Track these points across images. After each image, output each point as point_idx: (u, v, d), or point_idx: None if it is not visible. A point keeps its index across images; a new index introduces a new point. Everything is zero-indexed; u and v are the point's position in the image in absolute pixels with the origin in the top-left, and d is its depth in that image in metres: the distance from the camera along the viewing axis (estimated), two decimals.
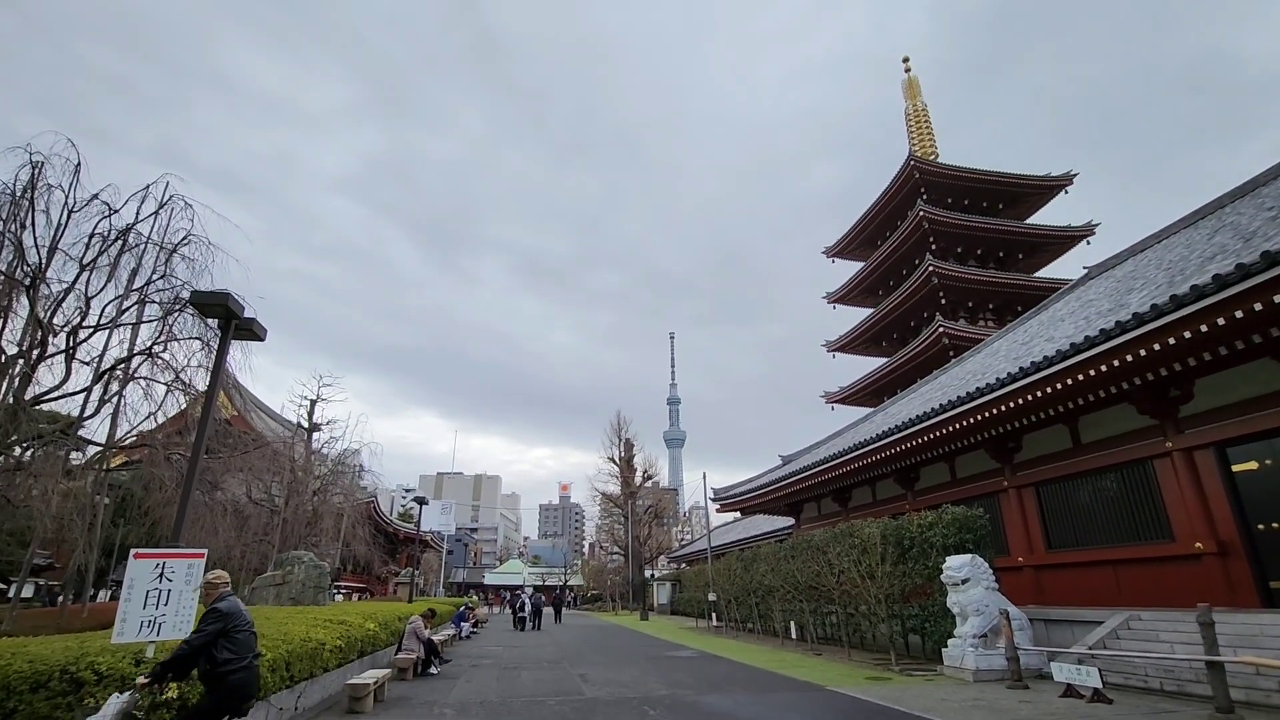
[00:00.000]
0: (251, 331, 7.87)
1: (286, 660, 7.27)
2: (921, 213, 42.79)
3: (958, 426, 15.20)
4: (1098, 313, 16.19)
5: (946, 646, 12.45)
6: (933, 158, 48.38)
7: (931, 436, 16.18)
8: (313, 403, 28.54)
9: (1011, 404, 13.47)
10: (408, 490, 29.71)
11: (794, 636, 17.00)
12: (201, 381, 12.52)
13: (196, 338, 11.45)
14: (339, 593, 45.53)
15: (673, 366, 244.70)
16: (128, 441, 11.94)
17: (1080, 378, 12.02)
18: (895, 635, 13.12)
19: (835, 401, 52.77)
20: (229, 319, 7.54)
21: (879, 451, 18.08)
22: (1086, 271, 23.38)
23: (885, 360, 48.93)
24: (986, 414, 14.24)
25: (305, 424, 28.38)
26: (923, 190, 45.32)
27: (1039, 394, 12.89)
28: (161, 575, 5.67)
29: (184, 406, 26.42)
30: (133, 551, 5.62)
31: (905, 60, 56.41)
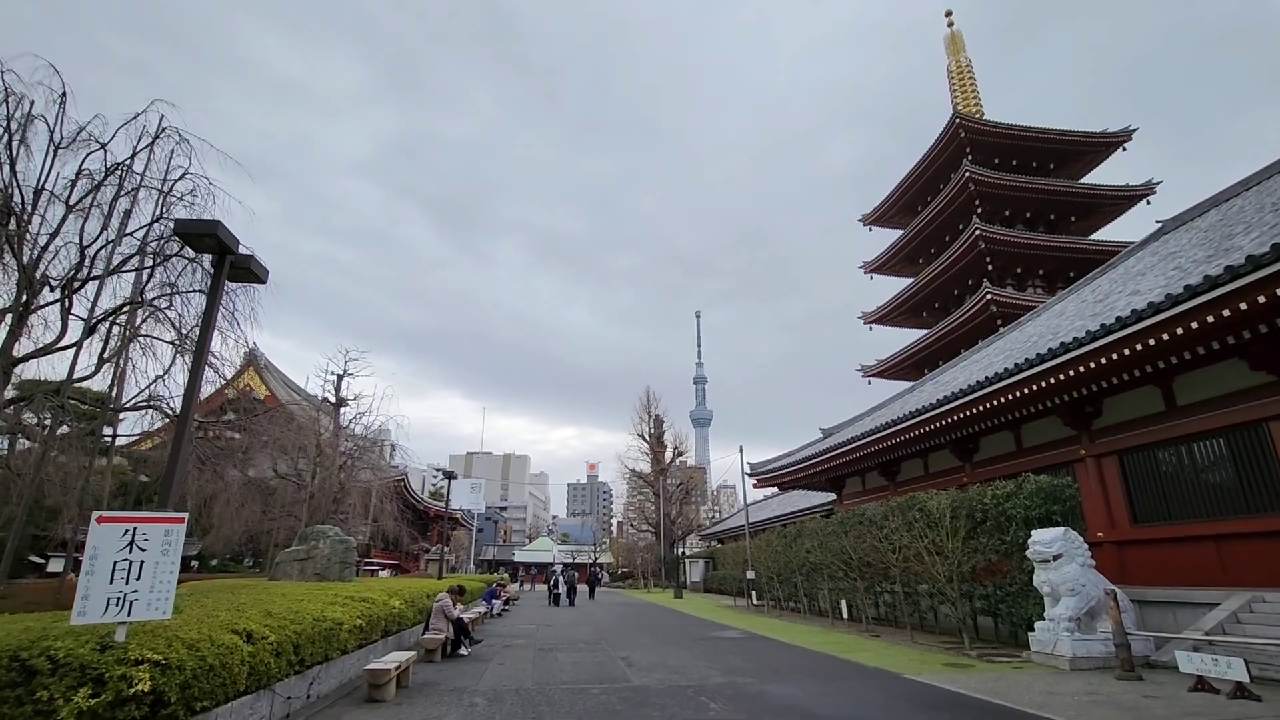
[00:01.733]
0: (250, 272, 6.86)
1: (295, 643, 6.37)
2: (968, 173, 40.33)
3: (1030, 390, 13.69)
4: (1191, 261, 14.46)
5: (1028, 630, 11.22)
6: (977, 116, 45.51)
7: (998, 402, 14.71)
8: (339, 378, 28.00)
9: (1096, 363, 11.94)
10: (438, 469, 29.19)
11: (844, 616, 15.85)
12: (218, 348, 11.69)
13: (202, 290, 10.56)
14: (376, 569, 45.88)
15: (699, 345, 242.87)
16: (134, 404, 11.20)
17: (1182, 330, 10.46)
18: (966, 616, 11.85)
19: (872, 375, 50.90)
20: (222, 254, 6.54)
21: (938, 420, 16.64)
22: (1160, 226, 21.31)
23: (925, 332, 46.85)
24: (1064, 375, 12.72)
25: (332, 399, 27.93)
26: (968, 150, 42.73)
27: (1130, 350, 11.35)
28: (132, 543, 4.72)
29: (220, 385, 26.17)
30: (95, 515, 4.66)
31: (948, 14, 53.17)
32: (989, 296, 37.79)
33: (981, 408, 15.24)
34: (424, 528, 53.26)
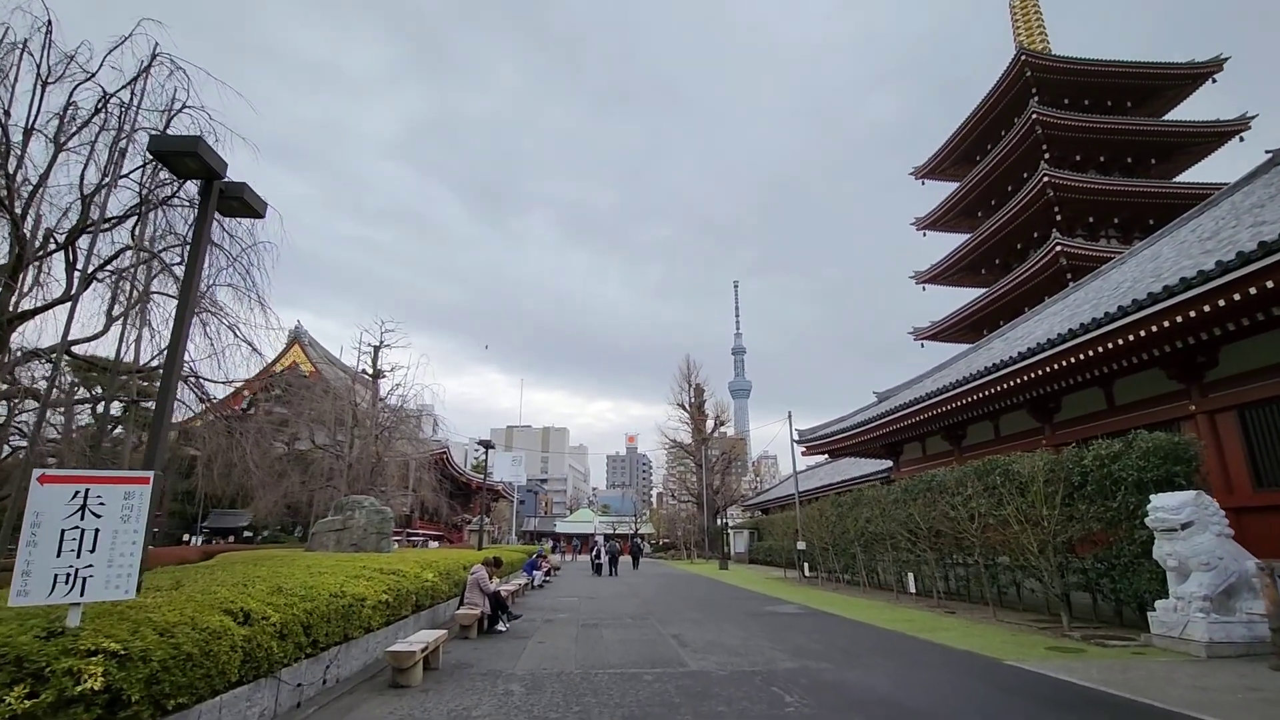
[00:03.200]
0: (243, 203, 5.92)
1: (305, 622, 5.54)
2: (1035, 114, 37.05)
3: (1134, 338, 11.95)
4: None
5: (1138, 608, 9.79)
6: (1044, 52, 41.67)
7: (1092, 354, 12.98)
8: (376, 349, 27.66)
9: (1224, 300, 10.17)
10: (479, 442, 28.86)
11: (911, 590, 14.59)
12: (244, 311, 11.00)
13: (218, 244, 9.81)
14: (422, 540, 46.57)
15: (737, 315, 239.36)
16: (144, 367, 10.65)
17: None
18: (1062, 593, 10.44)
19: (925, 338, 48.39)
20: (209, 179, 5.60)
21: (1018, 376, 14.97)
22: (1272, 155, 18.71)
23: (983, 291, 44.01)
24: (1179, 319, 10.96)
25: (369, 371, 27.68)
26: (1034, 90, 39.22)
27: (1270, 284, 9.56)
28: (85, 508, 3.85)
29: (267, 362, 26.18)
30: (36, 474, 3.80)
31: None
32: (1059, 247, 34.92)
33: (1071, 360, 13.52)
34: (467, 500, 53.88)
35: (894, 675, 6.76)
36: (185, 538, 37.33)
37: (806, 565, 22.80)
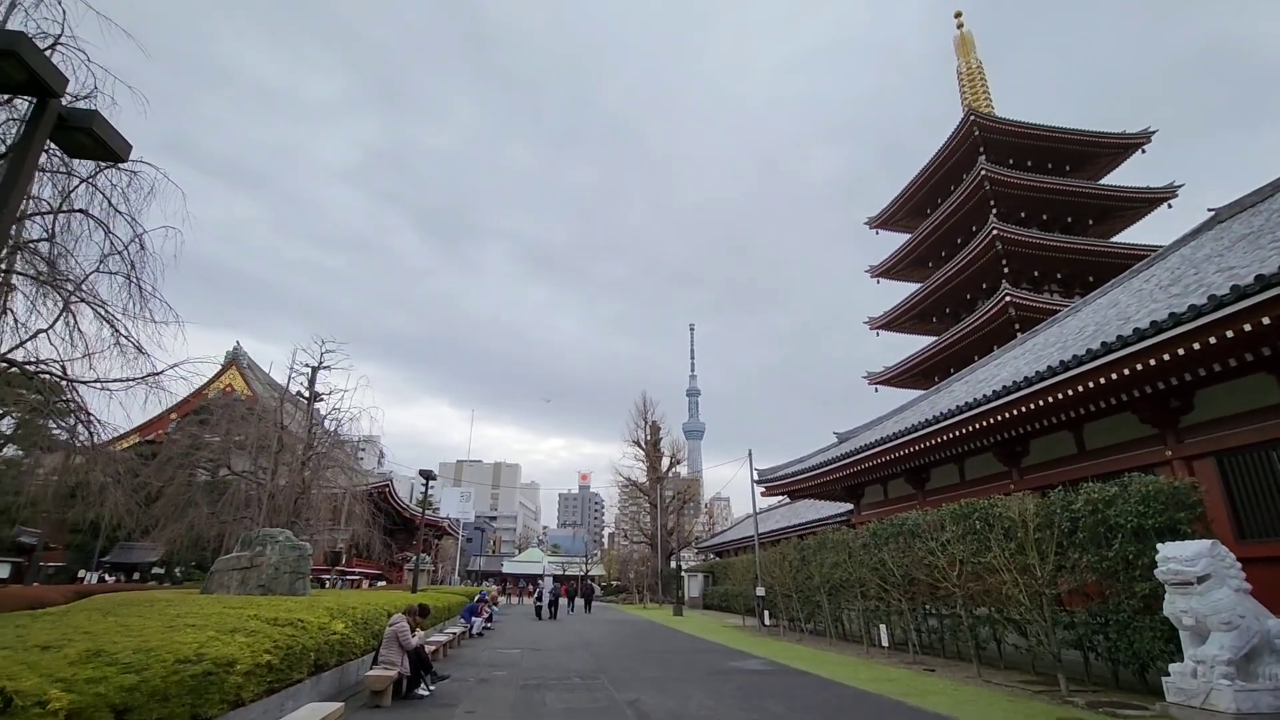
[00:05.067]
0: (94, 139, 4.59)
1: (120, 704, 3.98)
2: (984, 171, 38.57)
3: (1108, 379, 11.54)
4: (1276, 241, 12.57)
5: (1139, 670, 8.96)
6: (992, 114, 43.84)
7: (1063, 396, 12.56)
8: (314, 370, 25.50)
9: (1212, 339, 9.79)
10: (421, 473, 26.73)
11: (884, 644, 13.50)
12: (133, 307, 9.28)
13: (98, 222, 8.19)
14: (357, 579, 42.97)
15: (692, 357, 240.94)
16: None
17: None
18: (1058, 650, 9.52)
19: (879, 383, 48.86)
20: (42, 96, 4.26)
21: (986, 418, 14.44)
22: (1214, 213, 19.40)
23: (934, 339, 44.91)
24: (1161, 357, 10.57)
25: (305, 393, 25.43)
26: (982, 149, 41.03)
27: (1248, 327, 9.25)
28: None
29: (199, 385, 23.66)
30: None
31: (958, 15, 51.78)
32: (1008, 297, 35.86)
33: (1042, 402, 13.05)
34: (411, 536, 50.47)
35: None
36: (80, 574, 33.22)
37: (767, 613, 21.49)
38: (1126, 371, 11.01)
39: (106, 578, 30.88)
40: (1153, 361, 10.56)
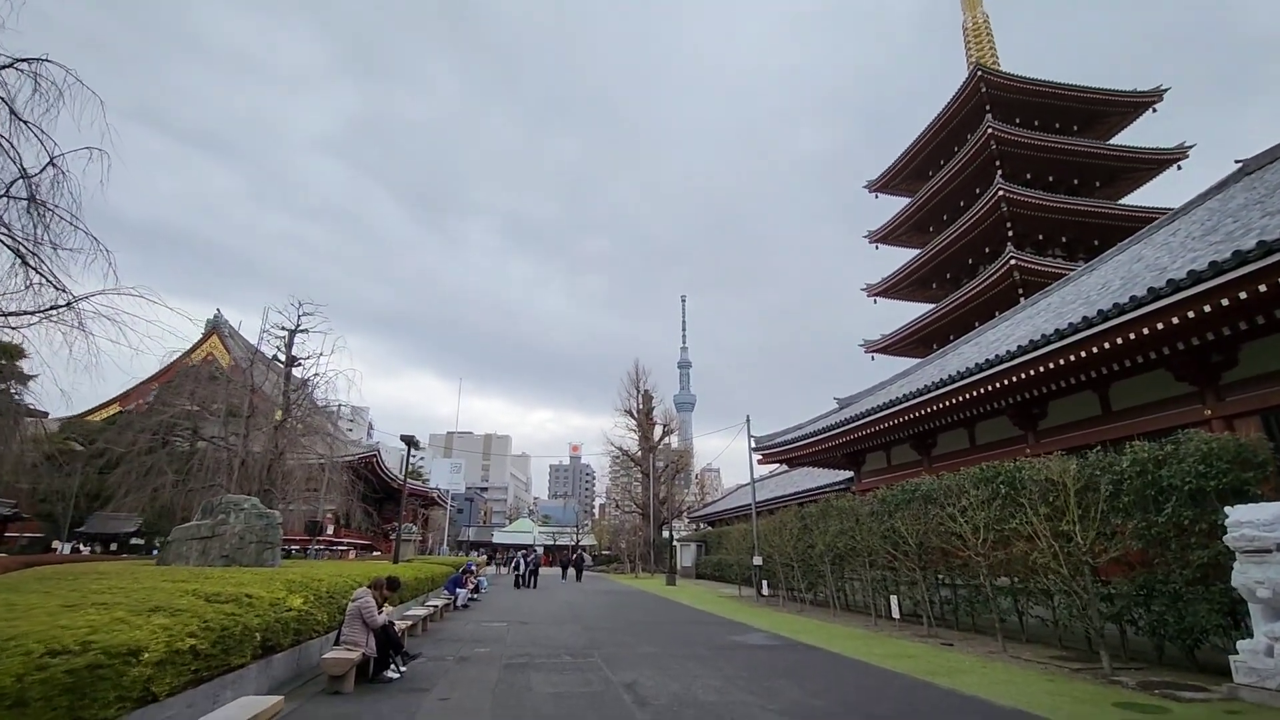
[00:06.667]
0: None
1: None
2: (990, 130, 37.12)
3: (1146, 332, 10.55)
4: None
5: (1189, 645, 8.12)
6: (999, 70, 42.15)
7: (1095, 350, 11.55)
8: (291, 333, 24.15)
9: (1257, 289, 8.79)
10: (403, 439, 25.63)
11: (895, 615, 12.71)
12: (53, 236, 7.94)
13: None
14: (345, 549, 42.20)
15: (683, 329, 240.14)
16: None
17: None
18: (1100, 625, 8.66)
19: (876, 350, 48.00)
20: None
21: (1007, 376, 13.48)
22: (1242, 165, 18.29)
23: (933, 306, 43.96)
24: (1203, 309, 9.57)
25: (281, 358, 24.11)
26: (988, 106, 39.46)
27: None
28: None
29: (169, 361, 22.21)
30: None
31: None
32: (1013, 261, 34.80)
33: (1069, 359, 12.09)
34: (400, 507, 49.72)
35: None
36: (54, 545, 32.22)
37: (765, 583, 20.80)
38: (1174, 320, 9.97)
39: (81, 548, 29.90)
40: (1205, 308, 9.52)
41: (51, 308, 6.76)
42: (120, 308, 7.00)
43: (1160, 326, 10.24)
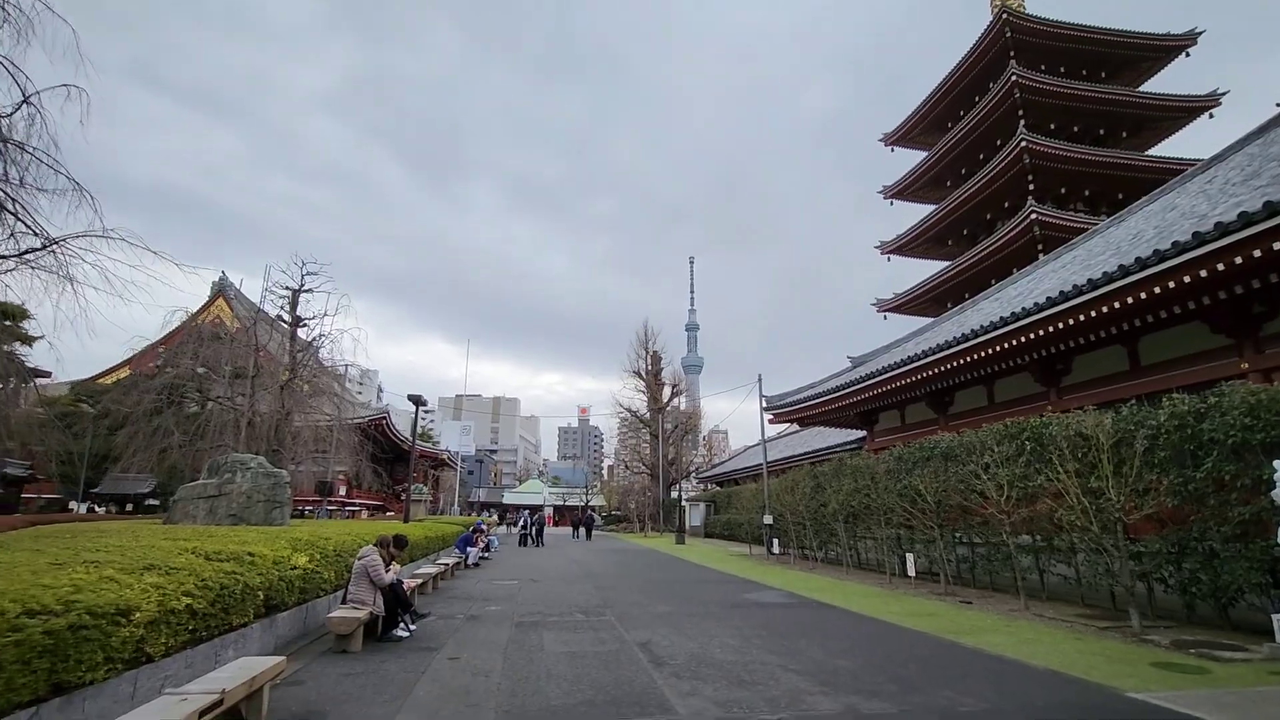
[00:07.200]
0: None
1: None
2: (1015, 77, 35.45)
3: (1186, 281, 9.98)
4: None
5: (1225, 604, 7.83)
6: (1024, 12, 40.05)
7: (1130, 301, 11.00)
8: (295, 292, 23.79)
9: None
10: (410, 398, 25.53)
11: (911, 574, 12.54)
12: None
13: None
14: (357, 509, 42.75)
15: (691, 291, 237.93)
16: None
17: None
18: (1123, 580, 8.39)
19: (889, 309, 47.21)
20: None
21: (1035, 329, 12.94)
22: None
23: (948, 264, 42.92)
24: (1246, 256, 9.01)
25: (286, 318, 23.82)
26: (1013, 52, 37.61)
27: None
28: None
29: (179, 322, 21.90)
30: None
31: None
32: (1034, 215, 33.71)
33: (1102, 310, 11.54)
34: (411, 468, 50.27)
35: None
36: (70, 505, 32.77)
37: (775, 541, 20.77)
38: (1220, 267, 9.40)
39: (96, 508, 30.31)
40: (1255, 253, 8.93)
41: (27, 251, 6.38)
42: (103, 253, 6.63)
43: (1204, 274, 9.67)
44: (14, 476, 31.77)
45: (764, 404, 25.39)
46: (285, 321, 23.82)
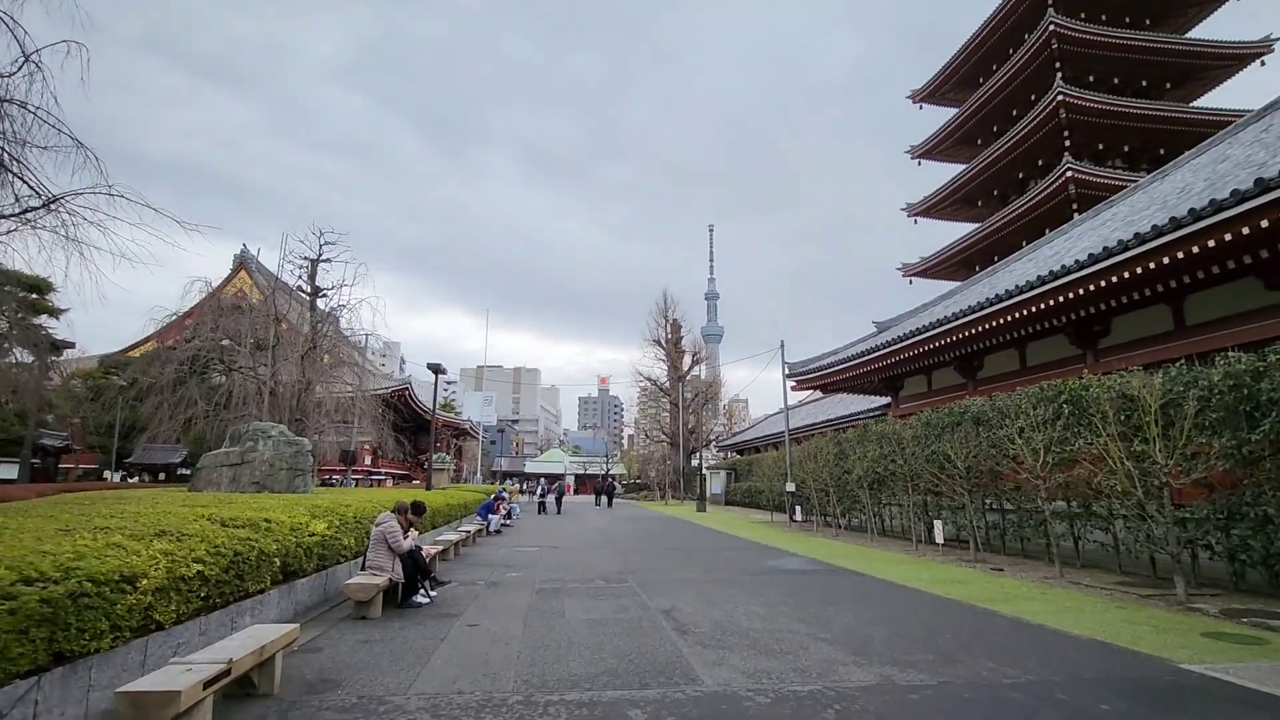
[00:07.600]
0: None
1: None
2: (1053, 25, 33.58)
3: (1246, 232, 9.28)
4: None
5: (1277, 572, 7.43)
6: None
7: (1184, 254, 10.31)
8: (314, 262, 23.72)
9: None
10: (430, 366, 25.54)
11: (939, 541, 12.25)
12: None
13: None
14: (382, 478, 43.51)
15: (711, 260, 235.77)
16: None
17: None
18: (1169, 547, 8.01)
19: (915, 274, 46.05)
20: None
21: (1076, 287, 12.29)
22: None
23: (977, 225, 41.57)
24: None
25: (305, 288, 23.82)
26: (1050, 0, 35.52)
27: None
28: None
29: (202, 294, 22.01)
30: None
31: None
32: (1070, 172, 32.29)
33: (1151, 265, 10.86)
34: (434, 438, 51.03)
35: (1043, 703, 4.10)
36: (104, 474, 33.84)
37: (798, 508, 20.59)
38: (1229, 237, 8.80)
39: (129, 478, 31.23)
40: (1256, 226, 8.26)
41: (26, 210, 6.21)
42: (104, 211, 6.45)
43: (1265, 224, 8.99)
44: (52, 447, 32.82)
45: (786, 371, 24.96)
46: (305, 292, 23.85)
